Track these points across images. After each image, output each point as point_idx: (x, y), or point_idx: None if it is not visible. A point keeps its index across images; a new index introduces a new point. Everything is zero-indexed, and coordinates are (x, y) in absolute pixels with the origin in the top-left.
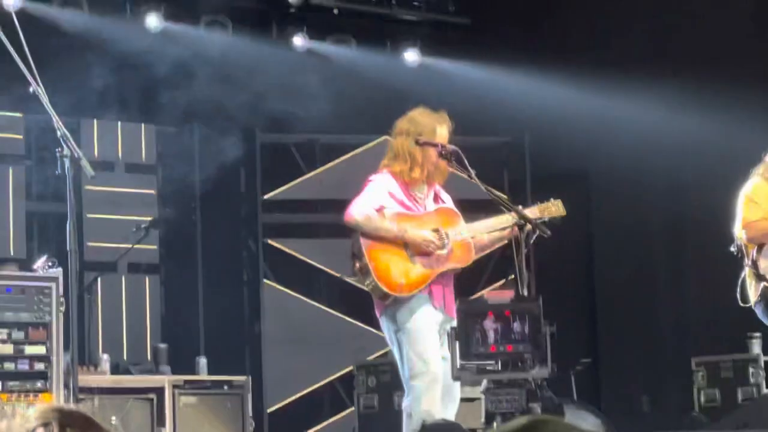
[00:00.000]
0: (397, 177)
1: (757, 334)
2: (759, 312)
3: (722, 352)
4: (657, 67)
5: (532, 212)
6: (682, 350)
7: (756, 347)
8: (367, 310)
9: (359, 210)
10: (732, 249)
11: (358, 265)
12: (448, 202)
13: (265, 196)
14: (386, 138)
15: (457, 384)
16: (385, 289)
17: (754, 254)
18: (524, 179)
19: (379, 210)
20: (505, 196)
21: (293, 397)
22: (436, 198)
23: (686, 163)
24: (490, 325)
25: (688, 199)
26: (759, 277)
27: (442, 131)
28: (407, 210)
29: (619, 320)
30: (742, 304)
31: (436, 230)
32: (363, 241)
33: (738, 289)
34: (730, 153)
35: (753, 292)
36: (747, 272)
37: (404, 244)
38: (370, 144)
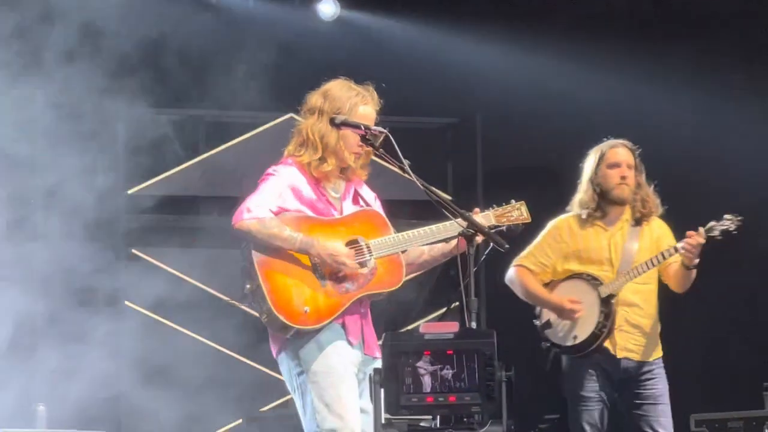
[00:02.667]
0: (305, 169)
1: None
2: None
3: (730, 407)
4: (656, 33)
5: (486, 218)
6: (679, 405)
7: None
8: (262, 346)
9: (252, 213)
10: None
11: (249, 286)
12: (373, 203)
13: (131, 191)
14: (292, 117)
15: None
16: (284, 319)
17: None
18: (474, 173)
19: (279, 213)
20: (448, 197)
21: None
22: (357, 198)
23: (700, 157)
24: (426, 367)
25: (698, 206)
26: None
27: (366, 111)
28: (317, 214)
29: None
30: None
31: (355, 241)
32: (256, 254)
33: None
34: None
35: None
36: None
37: (311, 261)
38: (271, 124)
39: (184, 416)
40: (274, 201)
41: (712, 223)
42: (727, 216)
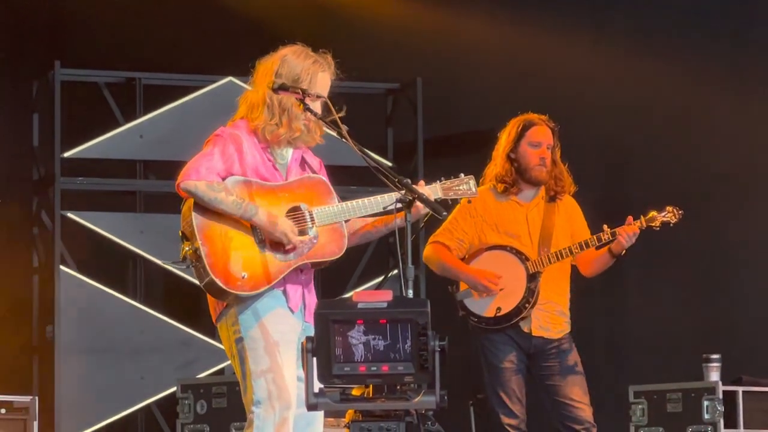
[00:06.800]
0: (256, 133)
1: (716, 356)
2: None
3: (669, 379)
4: None
5: (433, 191)
6: (618, 376)
7: (714, 374)
8: (197, 311)
9: (199, 173)
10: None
11: (188, 248)
12: (319, 170)
13: (66, 154)
14: (231, 80)
15: (319, 415)
16: (221, 284)
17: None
18: (415, 140)
19: (225, 178)
20: (387, 163)
21: (96, 426)
22: (303, 165)
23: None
24: (358, 337)
25: (641, 177)
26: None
27: (324, 78)
28: (261, 179)
29: None
30: None
31: (297, 208)
32: (197, 217)
33: None
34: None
35: None
36: None
37: (252, 227)
38: (211, 87)
39: (118, 382)
40: (221, 164)
41: (653, 213)
42: (668, 208)
